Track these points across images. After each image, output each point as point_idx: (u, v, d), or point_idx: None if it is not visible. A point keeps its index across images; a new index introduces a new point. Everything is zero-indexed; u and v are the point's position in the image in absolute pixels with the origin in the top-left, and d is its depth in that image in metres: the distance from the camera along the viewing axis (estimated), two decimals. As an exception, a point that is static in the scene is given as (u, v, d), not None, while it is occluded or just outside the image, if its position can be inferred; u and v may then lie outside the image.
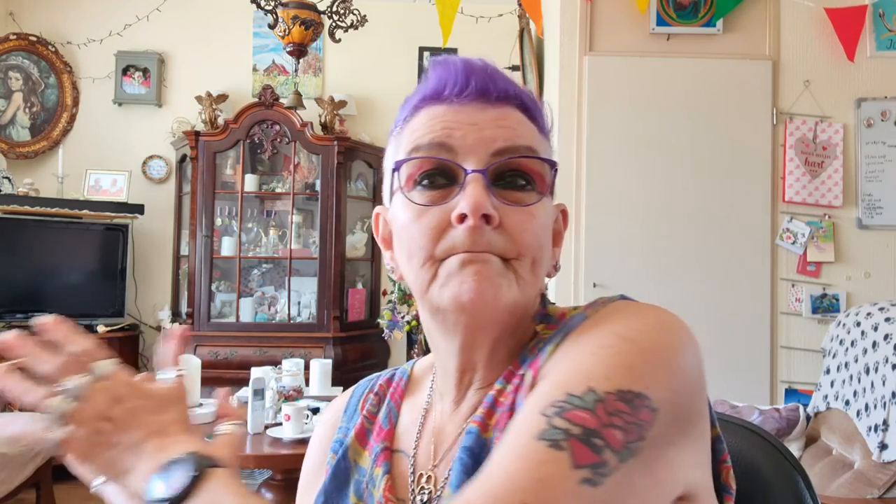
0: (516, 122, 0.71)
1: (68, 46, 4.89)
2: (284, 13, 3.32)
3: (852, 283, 3.32)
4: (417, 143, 0.70)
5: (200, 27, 4.97)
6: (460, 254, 0.66)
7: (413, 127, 0.72)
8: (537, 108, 0.75)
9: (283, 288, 4.57)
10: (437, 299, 0.68)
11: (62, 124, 4.85)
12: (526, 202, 0.68)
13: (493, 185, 0.67)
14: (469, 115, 0.69)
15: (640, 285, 3.32)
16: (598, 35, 3.45)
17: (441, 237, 0.67)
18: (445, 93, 0.71)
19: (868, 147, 3.36)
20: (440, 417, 0.77)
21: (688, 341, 0.63)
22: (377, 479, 0.75)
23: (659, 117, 3.39)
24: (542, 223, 0.70)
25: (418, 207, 0.68)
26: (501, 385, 0.69)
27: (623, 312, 0.65)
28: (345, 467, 0.79)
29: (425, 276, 0.68)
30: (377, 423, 0.81)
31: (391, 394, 0.84)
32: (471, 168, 0.67)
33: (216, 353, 4.29)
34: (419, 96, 0.74)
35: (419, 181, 0.69)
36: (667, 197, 3.37)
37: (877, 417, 2.28)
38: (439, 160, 0.69)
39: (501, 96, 0.71)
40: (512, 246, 0.67)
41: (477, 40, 4.78)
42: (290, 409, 2.53)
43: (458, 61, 0.71)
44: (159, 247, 4.89)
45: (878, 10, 3.37)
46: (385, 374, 0.88)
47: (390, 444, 0.78)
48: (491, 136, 0.68)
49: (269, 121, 4.48)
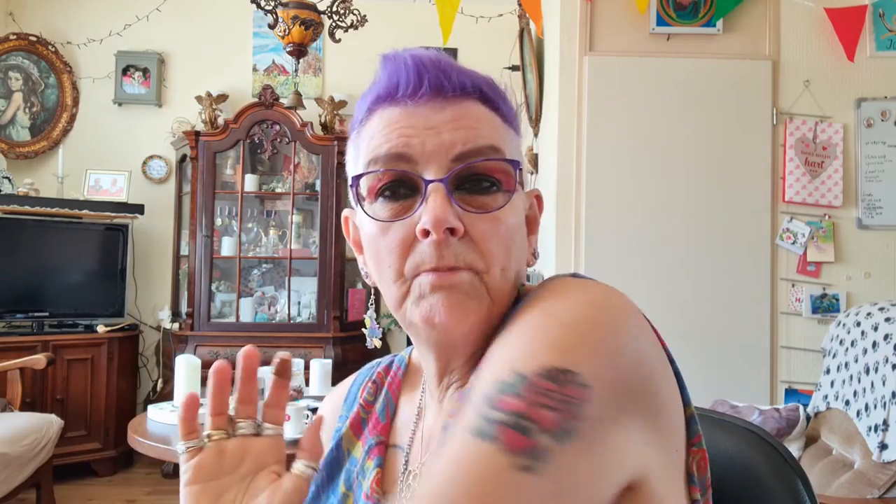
0: (475, 118, 0.67)
1: (68, 46, 4.89)
2: (284, 13, 3.32)
3: (852, 283, 3.31)
4: (375, 154, 0.67)
5: (200, 27, 4.97)
6: (430, 272, 0.64)
7: (370, 133, 0.69)
8: (499, 96, 0.71)
9: (283, 288, 4.58)
10: (409, 316, 0.66)
11: (62, 124, 4.85)
12: (491, 206, 0.66)
13: (456, 190, 0.65)
14: (425, 118, 0.66)
15: (639, 285, 3.32)
16: (598, 35, 3.45)
17: (408, 253, 0.65)
18: (399, 94, 0.67)
19: (868, 147, 3.35)
20: (431, 416, 0.76)
21: (627, 317, 0.60)
22: (368, 471, 0.75)
23: (659, 117, 3.39)
24: (510, 226, 0.67)
25: (381, 222, 0.66)
26: (473, 376, 0.66)
27: (559, 290, 0.63)
28: (337, 456, 0.79)
29: (397, 293, 0.67)
30: (374, 415, 0.81)
31: (389, 384, 0.84)
32: (431, 177, 0.64)
33: (216, 353, 4.28)
34: (372, 96, 0.70)
35: (380, 193, 0.67)
36: (666, 197, 3.37)
37: (877, 417, 2.28)
38: (398, 172, 0.66)
39: (458, 91, 0.67)
40: (479, 258, 0.64)
41: (477, 40, 4.78)
42: (291, 409, 2.53)
43: (408, 57, 0.67)
44: (159, 247, 4.89)
45: (878, 10, 3.37)
46: (384, 361, 0.88)
47: (387, 438, 0.78)
48: (450, 141, 0.65)
49: (269, 121, 4.48)
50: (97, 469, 4.25)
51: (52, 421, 3.36)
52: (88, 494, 3.96)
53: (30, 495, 3.41)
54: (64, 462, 3.91)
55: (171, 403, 2.90)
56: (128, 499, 3.92)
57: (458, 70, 0.68)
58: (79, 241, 4.47)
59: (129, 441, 2.64)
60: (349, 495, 0.75)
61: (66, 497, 3.83)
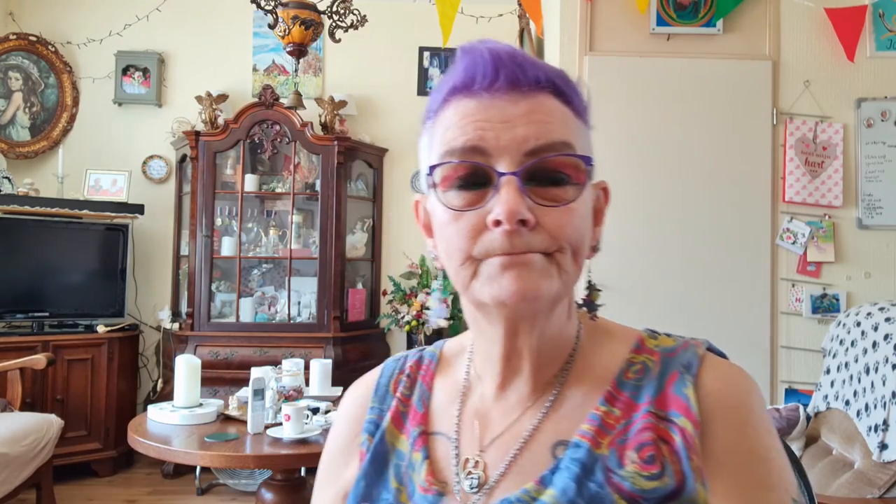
0: (549, 112, 0.69)
1: (68, 46, 4.89)
2: (284, 13, 3.32)
3: (852, 283, 3.32)
4: (451, 146, 0.69)
5: (200, 27, 4.97)
6: (499, 256, 0.67)
7: (445, 123, 0.71)
8: (572, 90, 0.73)
9: (284, 288, 4.57)
10: (478, 295, 0.69)
11: (62, 124, 4.85)
12: (563, 199, 0.68)
13: (528, 183, 0.67)
14: (500, 111, 0.68)
15: (640, 285, 3.32)
16: (598, 35, 3.45)
17: (478, 238, 0.68)
18: (475, 86, 0.69)
19: (868, 147, 3.36)
20: (482, 401, 0.78)
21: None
22: (417, 464, 0.76)
23: (659, 118, 3.39)
24: (580, 215, 0.70)
25: (454, 210, 0.69)
26: (606, 407, 0.72)
27: (745, 389, 0.72)
28: (383, 451, 0.79)
29: (465, 274, 0.70)
30: (412, 407, 0.82)
31: (422, 376, 0.85)
32: (504, 170, 0.67)
33: (216, 353, 4.28)
34: (448, 86, 0.72)
35: (454, 183, 0.69)
36: (667, 197, 3.37)
37: (877, 417, 2.28)
38: (472, 164, 0.68)
39: (532, 85, 0.69)
40: (552, 242, 0.67)
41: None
42: (290, 409, 2.53)
43: (486, 51, 0.69)
44: (159, 247, 4.89)
45: (878, 11, 3.37)
46: (413, 356, 0.89)
47: (426, 426, 0.79)
48: (523, 135, 0.67)
49: (269, 121, 4.48)
50: (97, 469, 4.25)
51: (52, 421, 3.36)
52: (89, 495, 3.96)
53: (30, 495, 3.40)
54: (64, 462, 3.91)
55: (171, 403, 2.90)
56: (128, 499, 3.92)
57: (534, 64, 0.70)
58: (79, 242, 4.47)
59: (129, 441, 2.64)
60: (402, 490, 0.76)
61: (66, 497, 3.83)
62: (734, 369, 0.73)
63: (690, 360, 0.72)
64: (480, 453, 0.74)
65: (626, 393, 0.72)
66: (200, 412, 2.81)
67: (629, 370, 0.73)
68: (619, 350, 0.76)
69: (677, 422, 0.68)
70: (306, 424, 2.59)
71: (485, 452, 0.74)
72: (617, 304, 3.66)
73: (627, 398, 0.71)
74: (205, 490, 4.04)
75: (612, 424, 0.70)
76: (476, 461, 0.74)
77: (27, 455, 3.12)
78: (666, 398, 0.70)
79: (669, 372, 0.72)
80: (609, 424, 0.70)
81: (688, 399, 0.69)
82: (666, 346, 0.75)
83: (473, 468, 0.73)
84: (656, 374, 0.72)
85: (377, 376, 0.88)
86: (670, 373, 0.71)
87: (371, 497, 0.77)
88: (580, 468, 0.67)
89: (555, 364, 0.76)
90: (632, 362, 0.74)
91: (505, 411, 0.75)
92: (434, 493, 0.73)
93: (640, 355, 0.75)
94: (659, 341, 0.77)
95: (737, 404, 0.69)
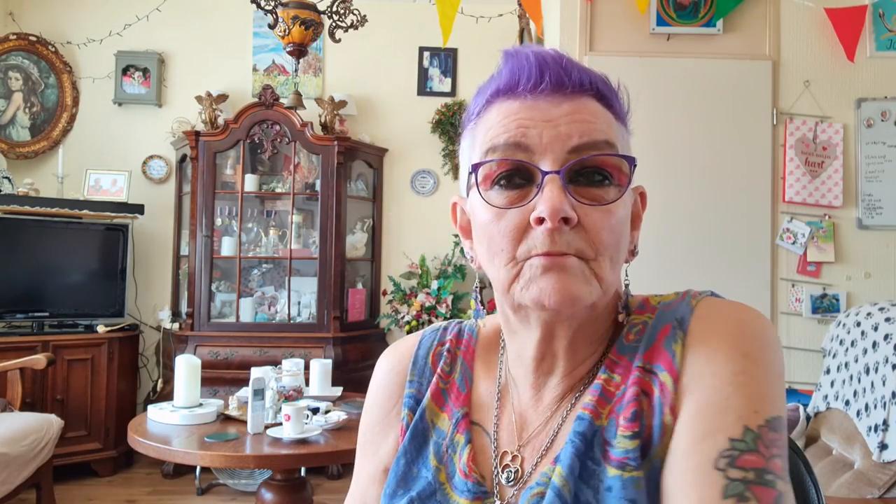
0: (592, 113, 0.70)
1: (68, 46, 4.89)
2: (284, 13, 3.32)
3: (852, 283, 3.32)
4: (494, 143, 0.70)
5: (200, 27, 4.97)
6: (541, 256, 0.67)
7: (488, 123, 0.72)
8: (613, 94, 0.74)
9: (283, 288, 4.58)
10: (518, 298, 0.69)
11: (62, 124, 4.85)
12: (605, 199, 0.69)
13: (571, 182, 0.68)
14: (544, 111, 0.69)
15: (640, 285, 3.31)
16: (598, 35, 3.45)
17: (521, 239, 0.68)
18: (520, 88, 0.70)
19: (868, 147, 3.35)
20: (518, 402, 0.78)
21: (778, 343, 0.70)
22: (458, 447, 0.77)
23: (659, 118, 3.39)
24: (620, 218, 0.70)
25: (497, 209, 0.69)
26: (606, 374, 0.72)
27: (735, 319, 0.69)
28: (423, 428, 0.80)
29: (507, 276, 0.69)
30: (454, 385, 0.82)
31: (463, 353, 0.85)
32: (547, 168, 0.67)
33: (216, 353, 4.29)
34: (492, 89, 0.73)
35: (496, 181, 0.70)
36: (667, 197, 3.37)
37: (877, 417, 2.28)
38: (516, 161, 0.69)
39: (576, 88, 0.70)
40: (590, 246, 0.67)
41: (477, 40, 4.79)
42: (290, 409, 2.53)
43: (531, 54, 0.70)
44: (159, 247, 4.89)
45: (878, 11, 3.37)
46: (452, 328, 0.89)
47: (470, 411, 0.80)
48: (567, 133, 0.68)
49: (269, 121, 4.48)
50: (97, 469, 4.25)
51: (52, 421, 3.36)
52: (89, 494, 3.96)
53: (30, 495, 3.41)
54: (64, 462, 3.91)
55: (171, 403, 2.90)
56: (128, 499, 3.92)
57: (578, 68, 0.71)
58: (79, 242, 4.47)
59: (129, 441, 2.64)
60: (441, 469, 0.77)
61: (66, 497, 3.84)
62: (724, 303, 0.71)
63: (684, 314, 0.71)
64: (519, 448, 0.75)
65: (626, 356, 0.72)
66: (200, 412, 2.81)
67: (630, 332, 0.74)
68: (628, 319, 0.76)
69: (660, 375, 0.67)
70: (306, 424, 2.59)
71: (523, 448, 0.75)
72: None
73: (626, 361, 0.71)
74: (205, 490, 4.04)
75: (612, 392, 0.70)
76: (514, 455, 0.75)
77: (27, 455, 3.12)
78: (655, 351, 0.70)
79: (662, 324, 0.71)
80: (609, 392, 0.70)
81: (673, 354, 0.68)
82: (665, 301, 0.75)
83: (511, 461, 0.75)
84: (650, 328, 0.72)
85: (414, 346, 0.88)
86: (663, 325, 0.71)
87: (411, 474, 0.78)
88: (582, 442, 0.68)
89: (588, 362, 0.76)
90: (633, 324, 0.74)
91: (541, 411, 0.76)
92: (474, 481, 0.74)
93: (641, 315, 0.75)
94: (662, 297, 0.77)
95: (712, 332, 0.67)
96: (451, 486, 0.75)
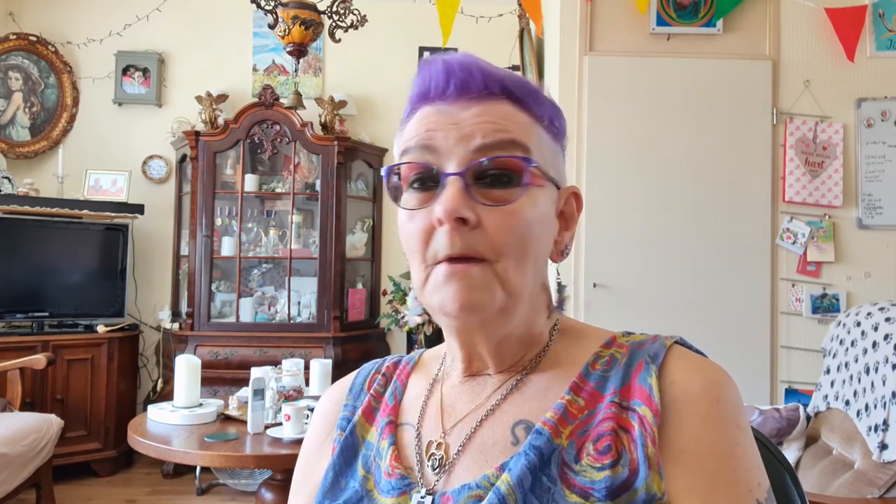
0: (500, 115, 0.71)
1: (68, 46, 4.89)
2: (284, 13, 3.32)
3: (852, 282, 3.32)
4: (406, 146, 0.73)
5: (200, 27, 4.97)
6: (443, 263, 0.68)
7: (408, 128, 0.74)
8: (529, 94, 0.74)
9: (283, 288, 4.58)
10: (428, 300, 0.71)
11: (62, 124, 4.85)
12: (507, 200, 0.69)
13: (476, 183, 0.69)
14: (451, 115, 0.71)
15: (640, 286, 3.32)
16: (598, 35, 3.45)
17: (429, 240, 0.70)
18: (431, 94, 0.73)
19: (868, 147, 3.36)
20: (448, 391, 0.79)
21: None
22: (384, 451, 0.77)
23: (659, 117, 3.39)
24: (527, 219, 0.70)
25: (409, 210, 0.72)
26: (570, 396, 0.71)
27: (716, 383, 0.69)
28: (352, 443, 0.81)
29: (419, 278, 0.72)
30: (383, 401, 0.84)
31: (398, 375, 0.87)
32: (451, 170, 0.69)
33: (216, 353, 4.29)
34: (412, 98, 0.76)
35: (410, 184, 0.72)
36: (667, 197, 3.37)
37: (877, 417, 2.28)
38: (422, 164, 0.71)
39: (483, 91, 0.71)
40: (491, 248, 0.68)
41: (477, 40, 4.78)
42: (290, 409, 2.53)
43: (439, 62, 0.73)
44: (159, 247, 4.89)
45: (878, 11, 3.37)
46: (391, 359, 0.91)
47: (395, 418, 0.81)
48: (470, 134, 0.69)
49: (269, 121, 4.48)
50: (97, 469, 4.25)
51: (52, 421, 3.36)
52: (88, 494, 3.96)
53: (30, 495, 3.41)
54: (64, 462, 3.91)
55: (171, 403, 2.90)
56: (128, 499, 3.92)
57: (484, 72, 0.72)
58: (79, 241, 4.47)
59: (128, 441, 2.64)
60: (369, 477, 0.77)
61: (66, 497, 3.83)
62: (702, 360, 0.72)
63: (657, 351, 0.71)
64: (443, 435, 0.75)
65: (592, 383, 0.71)
66: (200, 412, 2.81)
67: (596, 362, 0.73)
68: (588, 347, 0.76)
69: (638, 410, 0.67)
70: (306, 424, 2.59)
71: (448, 434, 0.75)
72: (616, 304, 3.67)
73: (592, 388, 0.71)
74: (205, 490, 4.04)
75: (574, 414, 0.70)
76: (439, 443, 0.75)
77: (27, 455, 3.12)
78: (631, 388, 0.69)
79: (636, 362, 0.71)
80: (572, 414, 0.70)
81: (650, 388, 0.68)
82: (636, 340, 0.75)
83: (436, 449, 0.75)
84: (623, 365, 0.72)
85: (353, 377, 0.90)
86: (637, 363, 0.71)
87: (338, 486, 0.78)
88: (537, 456, 0.67)
89: (522, 360, 0.77)
90: (599, 355, 0.74)
91: (470, 398, 0.77)
92: (398, 477, 0.74)
93: (608, 349, 0.75)
94: (630, 337, 0.76)
95: (701, 394, 0.68)
96: (377, 491, 0.75)
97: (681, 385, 0.68)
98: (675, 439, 0.66)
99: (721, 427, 0.67)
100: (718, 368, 0.71)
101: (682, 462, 0.65)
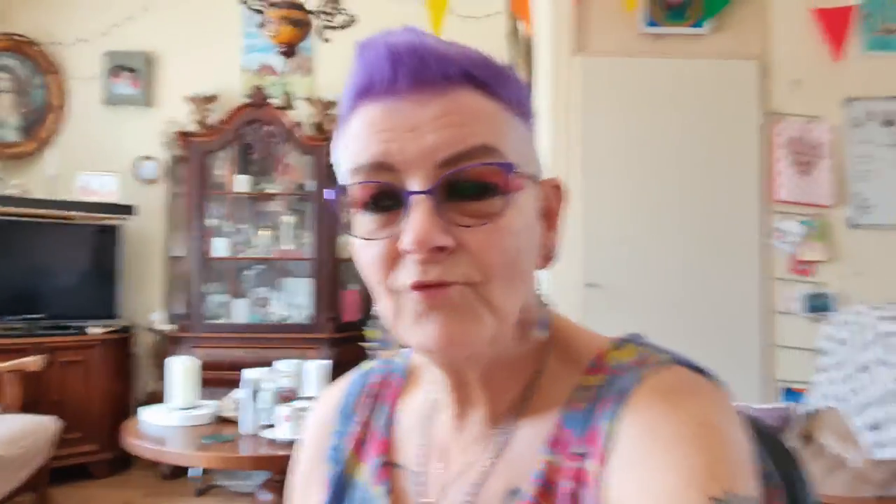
0: (466, 112, 0.58)
1: (56, 46, 4.85)
2: (273, 13, 3.32)
3: (844, 281, 3.34)
4: (356, 163, 0.59)
5: (189, 27, 4.94)
6: (417, 289, 0.57)
7: (352, 133, 0.61)
8: (498, 78, 0.61)
9: (277, 289, 4.57)
10: (406, 339, 0.60)
11: (52, 125, 4.82)
12: (489, 214, 0.57)
13: (448, 198, 0.57)
14: (406, 116, 0.57)
15: (634, 285, 3.34)
16: (587, 36, 3.47)
17: (393, 267, 0.58)
18: (376, 88, 0.59)
19: (857, 147, 3.39)
20: (443, 431, 0.70)
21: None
22: (378, 499, 0.70)
23: (649, 117, 3.41)
24: (514, 231, 0.59)
25: (366, 234, 0.60)
26: (550, 456, 0.61)
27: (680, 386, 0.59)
28: (343, 484, 0.73)
29: (388, 311, 0.61)
30: (372, 431, 0.75)
31: (388, 395, 0.77)
32: (416, 187, 0.57)
33: (210, 354, 4.27)
34: (351, 92, 0.62)
35: (364, 205, 0.60)
36: (659, 197, 3.39)
37: (871, 416, 2.31)
38: (380, 184, 0.58)
39: (442, 80, 0.58)
40: (477, 270, 0.57)
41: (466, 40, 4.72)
42: (286, 410, 2.54)
43: (381, 46, 0.60)
44: (152, 248, 4.86)
45: (866, 11, 3.39)
46: (378, 371, 0.79)
47: (388, 456, 0.72)
48: (433, 144, 0.56)
49: (259, 121, 4.47)
50: (94, 471, 4.24)
51: (49, 423, 3.35)
52: (86, 497, 3.95)
53: (27, 498, 3.40)
54: (61, 464, 3.89)
55: (166, 405, 2.90)
56: (125, 501, 3.91)
57: (442, 55, 0.59)
58: (70, 243, 4.45)
59: (122, 443, 2.63)
60: None
61: (63, 500, 3.82)
62: (676, 375, 0.60)
63: (629, 385, 0.59)
64: (441, 490, 0.67)
65: (575, 432, 0.60)
66: (196, 413, 2.81)
67: (577, 398, 0.62)
68: (572, 371, 0.65)
69: (587, 463, 0.58)
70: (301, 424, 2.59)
71: (444, 494, 0.67)
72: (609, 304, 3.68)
73: (574, 439, 0.60)
74: (202, 492, 4.04)
75: (555, 481, 0.60)
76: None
77: (24, 458, 3.11)
78: (592, 432, 0.59)
79: (607, 396, 0.60)
80: (552, 482, 0.60)
81: (604, 434, 0.57)
82: (621, 363, 0.63)
83: None
84: (595, 400, 0.61)
85: (343, 392, 0.80)
86: (607, 397, 0.60)
87: None
88: None
89: (513, 390, 0.66)
90: (582, 387, 0.63)
91: (463, 448, 0.67)
92: None
93: (593, 376, 0.63)
94: (622, 352, 0.64)
95: (652, 409, 0.56)
96: None
97: (635, 410, 0.57)
98: (619, 451, 0.56)
99: (677, 423, 0.54)
100: (696, 379, 0.60)
101: (624, 461, 0.55)
